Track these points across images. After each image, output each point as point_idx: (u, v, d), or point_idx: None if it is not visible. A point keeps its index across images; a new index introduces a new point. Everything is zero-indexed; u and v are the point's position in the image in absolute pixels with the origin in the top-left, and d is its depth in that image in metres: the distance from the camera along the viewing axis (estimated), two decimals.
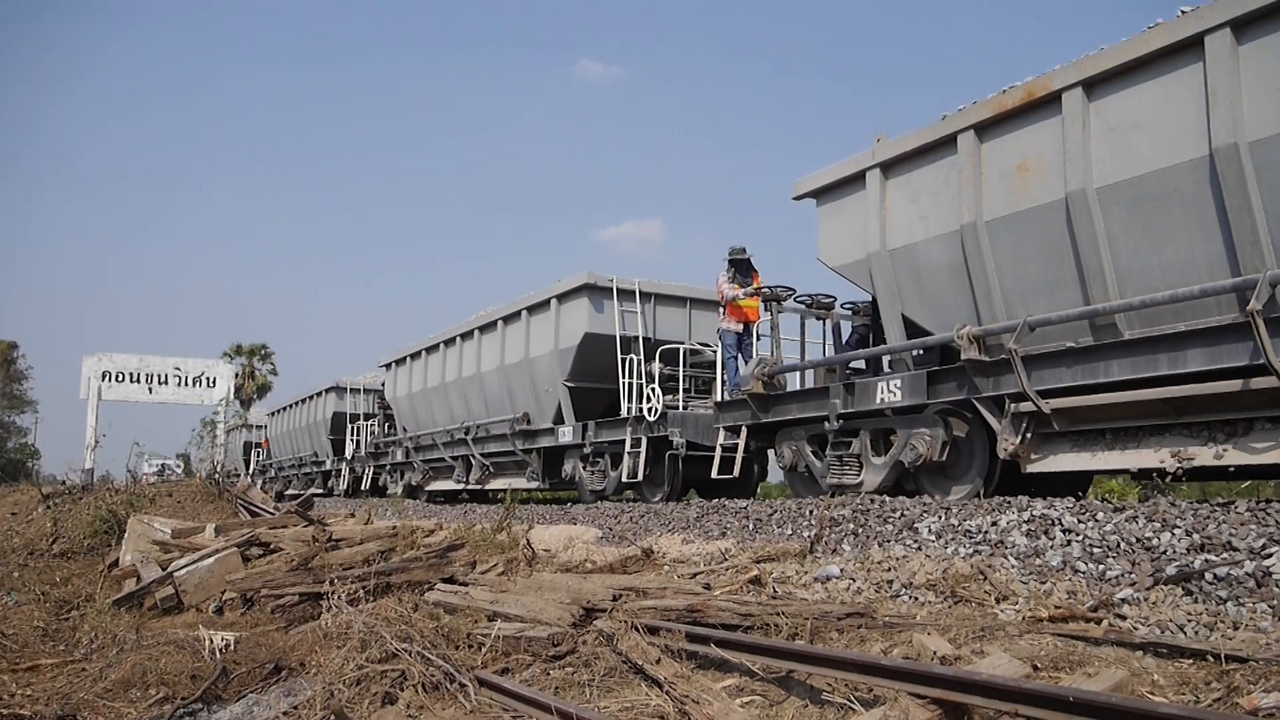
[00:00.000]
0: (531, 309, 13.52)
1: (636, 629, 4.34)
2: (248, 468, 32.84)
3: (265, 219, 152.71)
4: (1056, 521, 5.42)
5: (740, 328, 10.59)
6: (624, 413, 11.52)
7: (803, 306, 10.08)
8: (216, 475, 12.67)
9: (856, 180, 8.34)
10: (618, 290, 12.15)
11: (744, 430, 9.43)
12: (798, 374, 9.73)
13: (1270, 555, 4.27)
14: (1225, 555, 4.44)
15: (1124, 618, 4.15)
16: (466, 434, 15.38)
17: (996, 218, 7.06)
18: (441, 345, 16.70)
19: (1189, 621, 4.01)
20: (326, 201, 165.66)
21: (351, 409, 22.28)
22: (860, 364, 9.52)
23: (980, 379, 7.10)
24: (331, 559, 6.99)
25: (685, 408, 11.17)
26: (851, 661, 3.50)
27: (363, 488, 20.62)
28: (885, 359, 8.91)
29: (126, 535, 8.59)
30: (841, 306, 10.34)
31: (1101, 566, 4.77)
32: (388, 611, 5.14)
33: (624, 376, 11.57)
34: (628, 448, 11.32)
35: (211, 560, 7.22)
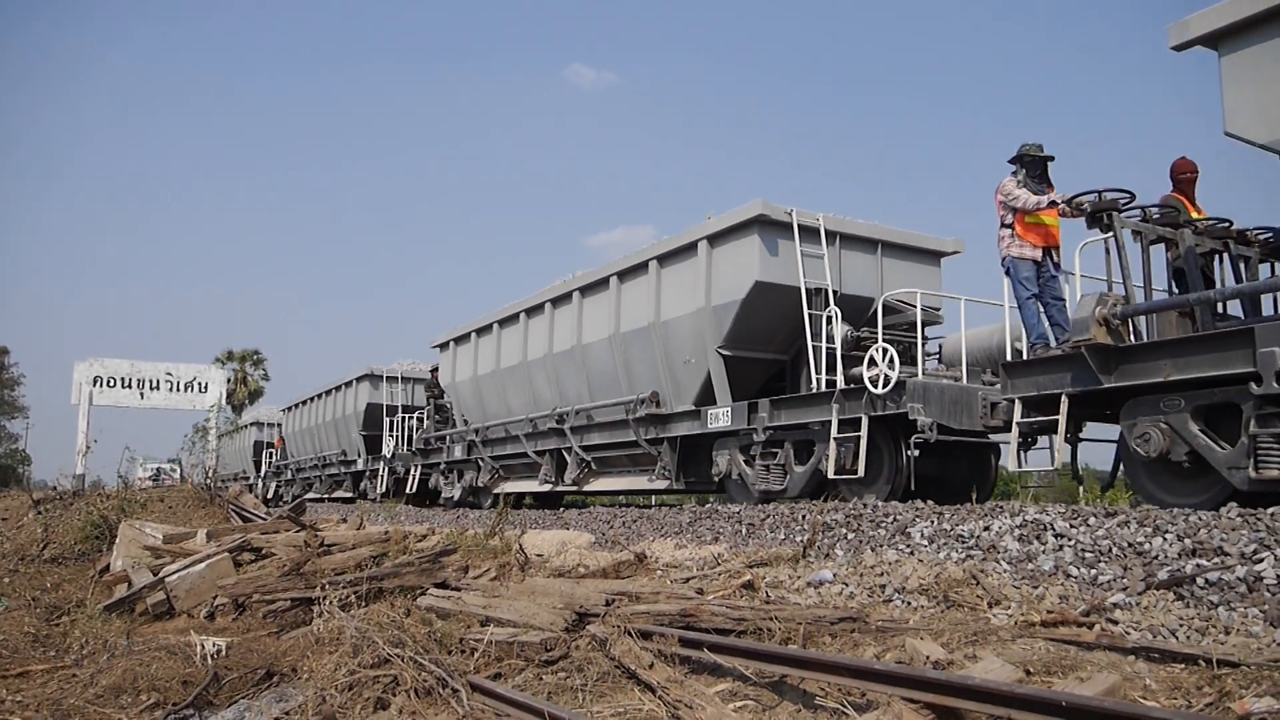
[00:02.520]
0: (665, 258, 10.55)
1: (629, 634, 4.33)
2: (258, 470, 29.97)
3: (257, 224, 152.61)
4: (1048, 526, 5.43)
5: (1039, 254, 7.56)
6: (815, 386, 8.85)
7: (1139, 223, 7.04)
8: (208, 481, 12.60)
9: None
10: (799, 226, 9.34)
11: (1064, 401, 6.61)
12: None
13: (1261, 560, 4.29)
14: (1216, 560, 4.46)
15: (1116, 622, 4.16)
16: (560, 422, 12.47)
17: None
18: (522, 315, 13.71)
19: (1181, 626, 4.02)
20: (317, 207, 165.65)
21: (388, 400, 19.53)
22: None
23: None
24: (324, 564, 6.97)
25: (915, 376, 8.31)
26: (844, 666, 3.50)
27: (408, 490, 17.71)
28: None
29: (118, 541, 8.56)
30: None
31: (1093, 571, 4.79)
32: (380, 617, 5.13)
33: (816, 340, 8.98)
34: (834, 432, 8.34)
35: (203, 565, 7.20)
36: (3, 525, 10.91)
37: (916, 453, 8.32)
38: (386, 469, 19.03)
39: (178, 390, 20.49)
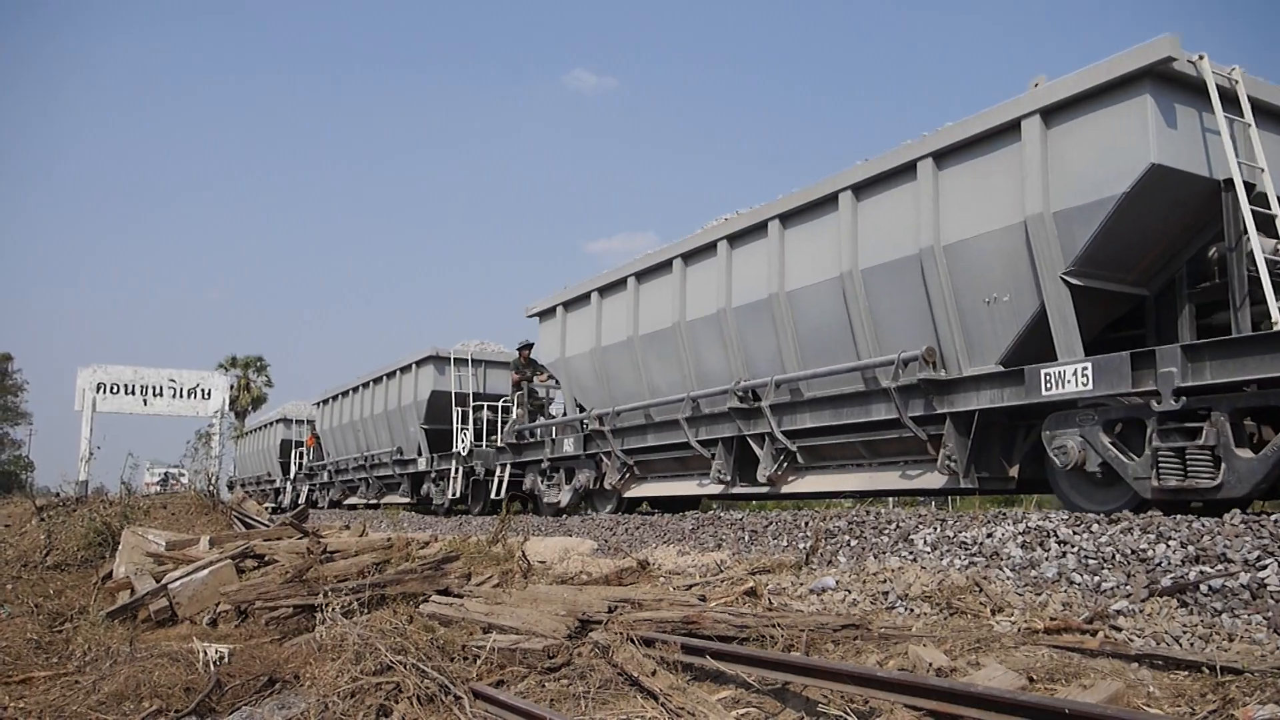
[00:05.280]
0: (946, 154, 7.27)
1: (632, 641, 4.33)
2: (286, 472, 26.13)
3: (259, 230, 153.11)
4: (1052, 533, 5.43)
5: None
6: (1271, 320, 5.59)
7: None
8: (211, 487, 12.62)
9: None
10: (1217, 87, 6.01)
11: None
12: None
13: (1265, 567, 4.28)
14: (1220, 567, 4.45)
15: (1119, 629, 4.15)
16: (746, 400, 9.29)
17: None
18: (676, 263, 10.33)
19: (1184, 633, 4.02)
20: (319, 213, 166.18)
21: (458, 387, 16.08)
22: None
23: None
24: (326, 571, 6.97)
25: None
26: (847, 673, 3.50)
27: (492, 495, 14.49)
28: None
29: (120, 547, 8.57)
30: None
31: (1097, 578, 4.78)
32: (382, 624, 5.12)
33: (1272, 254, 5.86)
34: None
35: (206, 572, 7.20)
36: (6, 532, 10.94)
37: None
38: (461, 469, 15.54)
39: (181, 396, 20.55)
